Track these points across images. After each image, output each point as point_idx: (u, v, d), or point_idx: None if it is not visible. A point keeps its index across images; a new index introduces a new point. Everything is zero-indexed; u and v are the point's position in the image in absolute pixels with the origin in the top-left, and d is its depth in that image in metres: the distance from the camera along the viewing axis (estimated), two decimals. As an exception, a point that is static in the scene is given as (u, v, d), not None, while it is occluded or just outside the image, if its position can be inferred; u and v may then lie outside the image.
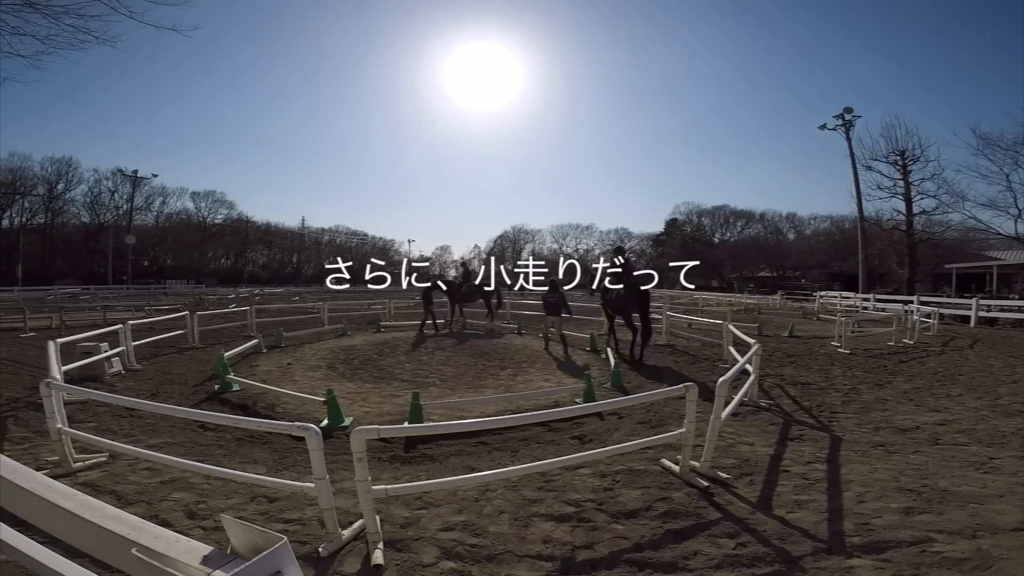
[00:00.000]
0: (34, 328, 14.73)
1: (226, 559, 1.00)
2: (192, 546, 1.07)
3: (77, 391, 4.70)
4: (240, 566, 0.93)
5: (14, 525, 2.01)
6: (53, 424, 4.26)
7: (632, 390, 7.92)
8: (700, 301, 30.76)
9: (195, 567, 0.99)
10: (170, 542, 1.11)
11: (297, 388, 7.41)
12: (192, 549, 1.06)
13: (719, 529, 3.40)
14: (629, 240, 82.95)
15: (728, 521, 3.50)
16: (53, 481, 1.48)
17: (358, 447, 2.96)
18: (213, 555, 1.01)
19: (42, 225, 59.94)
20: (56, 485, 1.47)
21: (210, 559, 1.01)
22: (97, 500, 1.38)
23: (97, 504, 1.36)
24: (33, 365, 9.07)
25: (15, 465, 1.54)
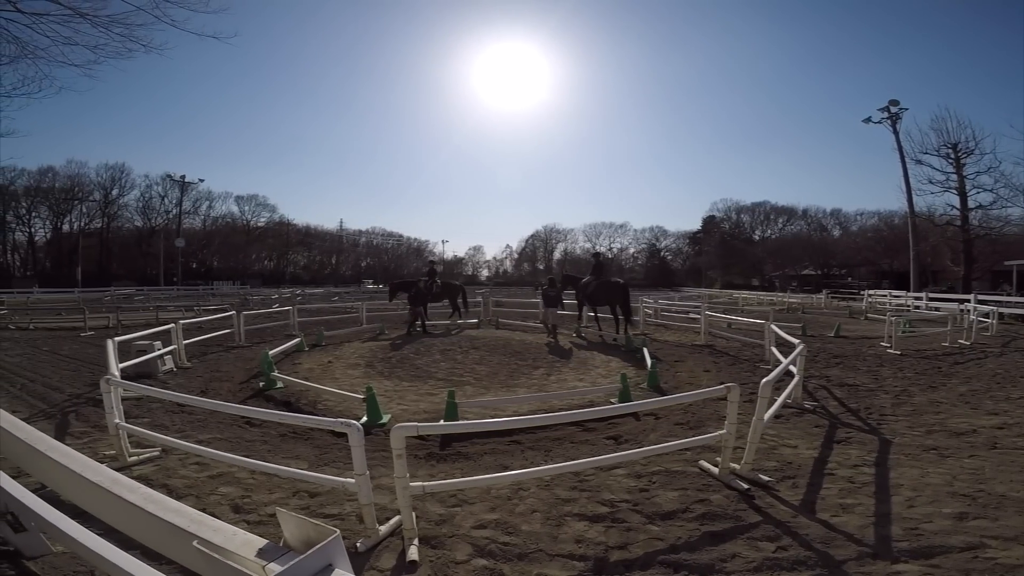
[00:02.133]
0: (93, 327, 15.64)
1: (280, 552, 1.03)
2: (248, 539, 1.11)
3: (134, 387, 4.94)
4: (295, 559, 0.96)
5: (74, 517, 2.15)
6: (111, 419, 4.48)
7: (670, 391, 7.80)
8: (740, 300, 29.88)
9: (251, 560, 1.02)
10: (227, 535, 1.15)
11: (337, 386, 7.60)
12: (248, 542, 1.09)
13: (759, 532, 3.33)
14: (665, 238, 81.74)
15: (769, 524, 3.43)
16: (118, 475, 1.54)
17: (398, 444, 3.02)
18: (268, 548, 1.05)
19: (99, 229, 63.42)
20: (121, 478, 1.52)
21: (265, 552, 1.04)
22: (159, 494, 1.42)
23: (160, 497, 1.39)
24: (93, 363, 9.63)
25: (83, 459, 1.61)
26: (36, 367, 9.50)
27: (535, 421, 4.75)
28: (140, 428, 4.69)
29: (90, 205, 62.91)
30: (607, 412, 5.28)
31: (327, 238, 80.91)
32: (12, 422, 2.07)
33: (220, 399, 6.84)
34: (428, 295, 15.58)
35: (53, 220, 61.97)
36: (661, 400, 5.49)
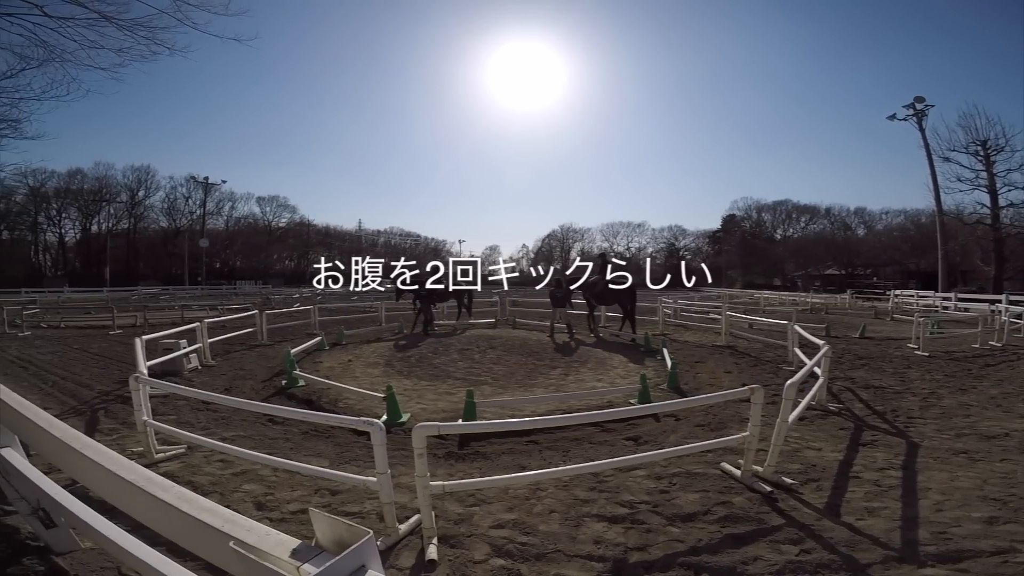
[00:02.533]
0: (121, 326, 16.06)
1: (313, 552, 1.03)
2: (282, 539, 1.10)
3: (161, 385, 5.06)
4: (329, 560, 0.96)
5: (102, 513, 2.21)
6: (140, 417, 4.59)
7: (690, 392, 7.72)
8: (762, 300, 29.39)
9: (285, 560, 1.02)
10: (261, 535, 1.14)
11: (357, 384, 7.68)
12: (282, 543, 1.09)
13: (782, 535, 3.29)
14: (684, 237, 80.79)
15: (792, 527, 3.38)
16: (152, 473, 1.54)
17: (419, 443, 3.04)
18: (301, 548, 1.05)
19: (126, 230, 65.02)
20: (155, 477, 1.52)
21: (299, 552, 1.04)
22: (192, 493, 1.43)
23: (193, 496, 1.40)
24: (121, 360, 9.88)
25: (118, 457, 1.63)
26: (67, 364, 9.79)
27: (554, 421, 4.74)
28: (167, 425, 4.79)
29: (117, 206, 64.59)
30: (626, 413, 5.25)
31: (346, 238, 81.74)
32: (48, 420, 2.12)
33: (244, 397, 6.96)
34: (435, 295, 15.48)
35: (82, 221, 63.74)
36: (682, 401, 5.44)
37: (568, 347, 11.97)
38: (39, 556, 2.65)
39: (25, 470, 2.60)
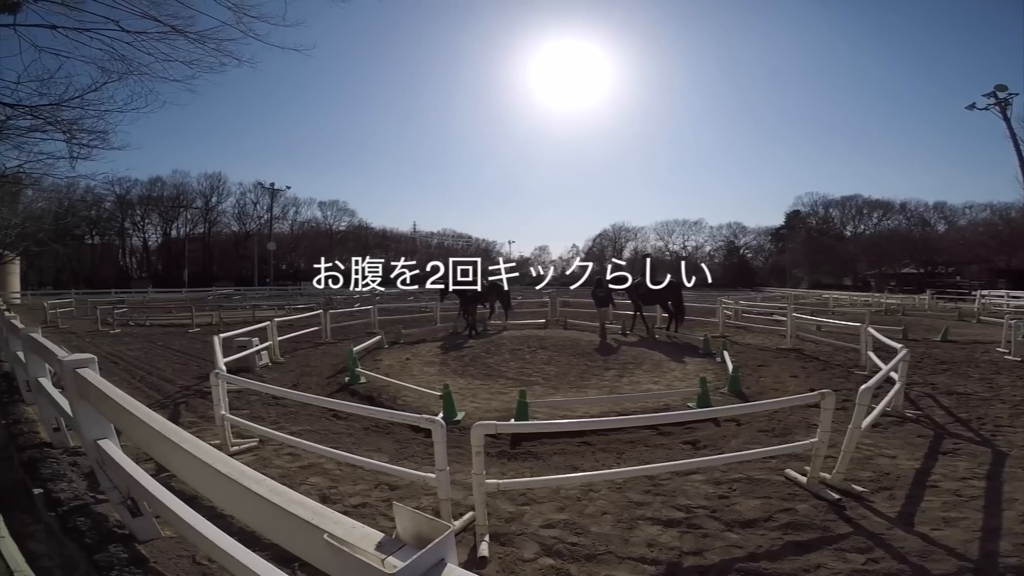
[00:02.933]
0: (199, 324, 17.22)
1: (397, 546, 1.06)
2: (367, 532, 1.15)
3: (237, 381, 5.39)
4: (414, 554, 0.99)
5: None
6: (218, 411, 4.91)
7: (752, 396, 7.45)
8: (831, 301, 27.81)
9: (371, 552, 1.06)
10: (347, 528, 1.18)
11: (415, 382, 7.90)
12: (367, 535, 1.13)
13: (848, 543, 3.17)
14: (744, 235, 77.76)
15: (860, 536, 3.26)
16: (244, 467, 1.62)
17: (477, 441, 3.10)
18: (385, 542, 1.08)
19: (201, 234, 69.73)
20: (247, 471, 1.59)
21: (383, 545, 1.07)
22: (282, 486, 1.47)
23: (283, 489, 1.45)
24: (200, 357, 10.61)
25: (213, 451, 1.73)
26: (152, 360, 10.61)
27: (609, 423, 4.71)
28: (241, 419, 5.09)
29: (193, 212, 69.45)
30: (685, 416, 5.15)
31: (402, 240, 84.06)
32: (148, 414, 2.28)
33: (310, 393, 7.31)
34: (480, 296, 15.46)
35: (163, 226, 68.95)
36: (746, 406, 5.27)
37: (622, 349, 11.80)
38: (124, 544, 2.82)
39: (120, 460, 2.82)
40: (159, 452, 2.21)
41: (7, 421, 5.35)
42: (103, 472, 2.96)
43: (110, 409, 2.69)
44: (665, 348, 11.93)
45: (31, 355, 4.81)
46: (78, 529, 2.93)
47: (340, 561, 1.09)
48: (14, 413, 5.50)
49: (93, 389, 2.79)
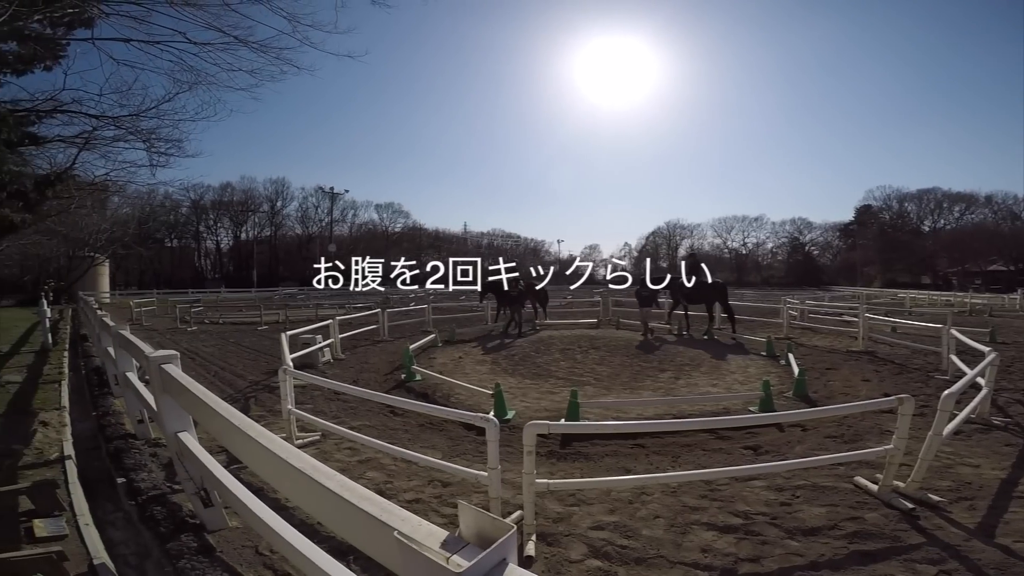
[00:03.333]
0: (267, 322, 18.21)
1: (460, 544, 1.07)
2: (432, 530, 1.15)
3: (304, 377, 5.65)
4: (478, 553, 1.00)
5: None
6: (285, 405, 5.15)
7: (820, 401, 7.08)
8: (908, 301, 25.96)
9: (436, 550, 1.06)
10: (413, 525, 1.19)
11: (467, 380, 8.02)
12: (432, 533, 1.14)
13: (920, 554, 3.00)
14: (809, 231, 73.93)
15: (933, 546, 3.08)
16: (317, 462, 1.66)
17: (529, 440, 3.10)
18: (449, 540, 1.09)
19: (268, 237, 73.63)
20: (320, 466, 1.63)
21: (447, 544, 1.08)
22: (352, 482, 1.51)
23: (353, 485, 1.48)
24: (268, 353, 11.20)
25: (288, 446, 1.80)
26: (225, 356, 11.30)
27: (665, 426, 4.61)
28: (306, 414, 5.32)
29: (260, 216, 73.50)
30: (747, 421, 4.97)
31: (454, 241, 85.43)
32: (226, 408, 2.41)
33: (368, 389, 7.56)
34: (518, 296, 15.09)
35: (233, 229, 73.46)
36: (813, 411, 5.02)
37: (679, 350, 11.48)
38: (194, 533, 2.98)
39: (197, 452, 2.98)
40: (235, 445, 2.32)
41: (97, 413, 5.84)
42: (181, 463, 3.15)
43: (190, 403, 2.85)
44: (725, 350, 11.52)
45: (120, 351, 5.19)
46: (154, 518, 3.12)
47: (407, 558, 1.10)
48: (104, 405, 6.00)
49: (176, 384, 2.97)
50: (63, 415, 5.73)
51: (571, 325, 16.30)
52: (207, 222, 72.36)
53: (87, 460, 4.60)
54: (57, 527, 3.16)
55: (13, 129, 10.83)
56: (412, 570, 1.11)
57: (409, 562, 1.10)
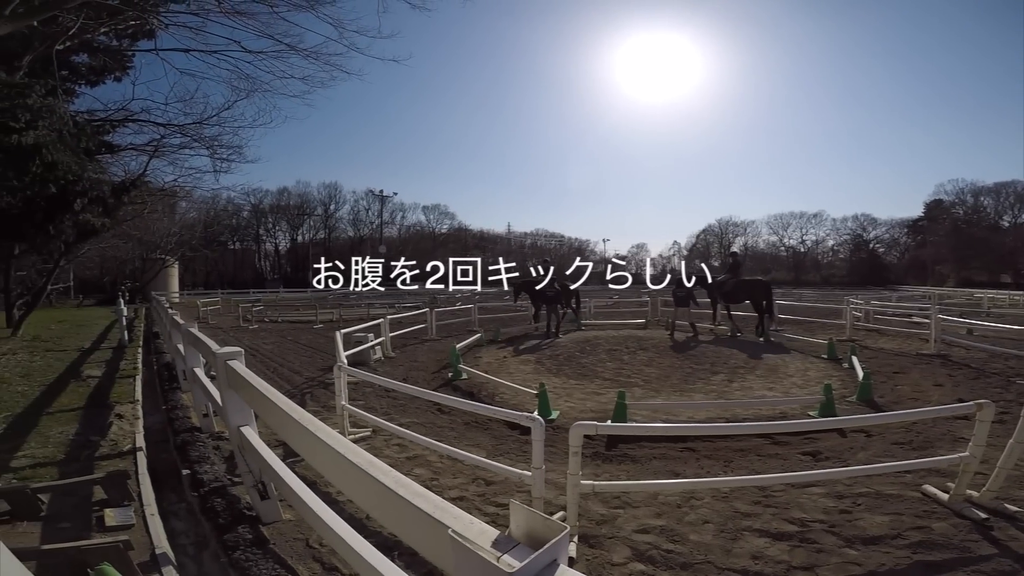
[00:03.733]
0: (322, 321, 18.93)
1: (511, 544, 1.07)
2: (484, 529, 1.15)
3: (356, 373, 5.81)
4: (529, 555, 0.99)
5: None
6: (339, 401, 5.33)
7: (886, 406, 6.68)
8: (985, 301, 24.09)
9: (487, 550, 1.06)
10: (465, 524, 1.19)
11: (512, 380, 8.04)
12: (484, 532, 1.14)
13: (989, 566, 2.82)
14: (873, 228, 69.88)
15: (1005, 558, 2.90)
16: (372, 457, 1.69)
17: (575, 441, 3.08)
18: (500, 539, 1.09)
19: (322, 239, 76.47)
20: (375, 461, 1.65)
21: (498, 543, 1.08)
22: (406, 478, 1.51)
23: (407, 482, 1.48)
24: (323, 351, 11.63)
25: (345, 441, 1.85)
26: (283, 353, 11.81)
27: (718, 429, 4.49)
28: (358, 410, 5.50)
29: (315, 219, 76.51)
30: (806, 426, 4.77)
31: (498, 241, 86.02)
32: (288, 404, 2.49)
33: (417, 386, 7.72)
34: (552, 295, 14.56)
35: (290, 232, 76.72)
36: (879, 416, 4.75)
37: (733, 352, 11.11)
38: (250, 525, 3.10)
39: (257, 445, 3.11)
40: (293, 438, 2.40)
41: (167, 406, 6.22)
42: (242, 456, 3.30)
43: (253, 397, 2.97)
44: (783, 352, 11.05)
45: (189, 348, 5.50)
46: (214, 509, 3.27)
47: (459, 557, 1.10)
48: (173, 399, 6.39)
49: (240, 379, 3.11)
50: (136, 408, 6.15)
51: (617, 325, 16.07)
52: (266, 225, 75.94)
53: (156, 452, 4.91)
54: (125, 516, 3.36)
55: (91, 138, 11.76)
56: (464, 569, 1.11)
57: (461, 560, 1.11)
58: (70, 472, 4.15)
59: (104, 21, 10.51)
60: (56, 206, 10.45)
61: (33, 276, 19.34)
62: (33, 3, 6.69)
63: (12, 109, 9.03)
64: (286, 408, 2.39)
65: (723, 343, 12.30)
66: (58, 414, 5.97)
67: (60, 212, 10.63)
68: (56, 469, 4.28)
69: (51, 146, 9.44)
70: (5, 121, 8.94)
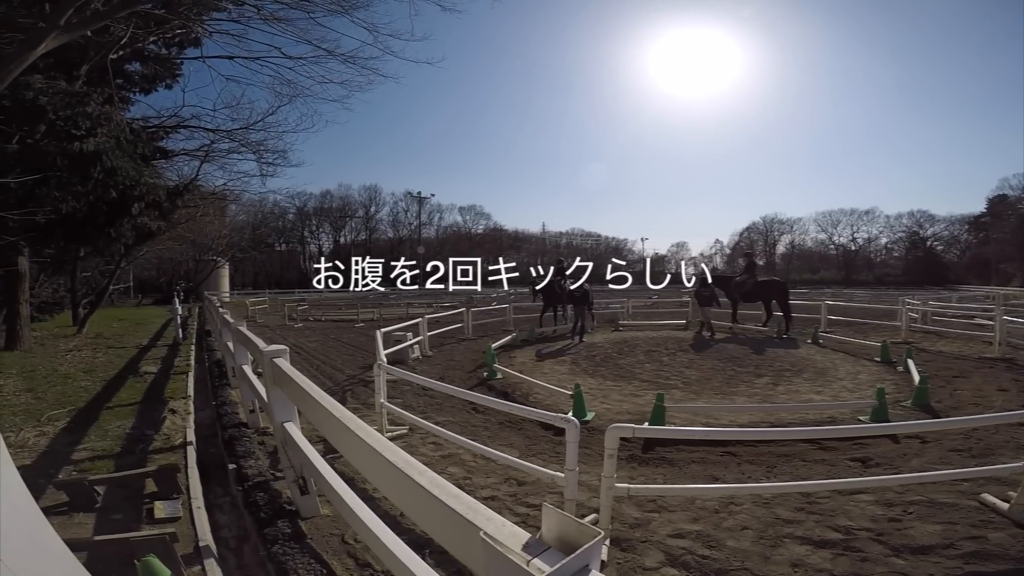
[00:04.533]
0: (363, 320, 19.39)
1: (542, 547, 1.05)
2: (515, 531, 1.15)
3: (396, 372, 5.89)
4: (560, 559, 0.98)
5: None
6: (378, 399, 5.43)
7: (945, 411, 6.32)
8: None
9: (518, 552, 1.05)
10: (497, 526, 1.19)
11: (546, 380, 8.01)
12: (515, 535, 1.13)
13: None
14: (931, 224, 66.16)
15: None
16: (409, 456, 1.70)
17: (612, 443, 3.05)
18: (531, 543, 1.08)
19: (363, 240, 78.38)
20: (412, 460, 1.66)
21: (528, 546, 1.07)
22: (441, 478, 1.52)
23: (442, 482, 1.49)
24: (363, 349, 11.91)
25: (383, 439, 1.88)
26: (326, 351, 12.16)
27: (760, 434, 4.35)
28: (396, 408, 5.58)
29: (356, 221, 78.57)
30: (856, 431, 4.58)
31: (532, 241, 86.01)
32: (330, 402, 2.55)
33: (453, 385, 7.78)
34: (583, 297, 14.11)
35: (333, 234, 79.02)
36: (936, 422, 4.54)
37: (779, 354, 10.74)
38: (289, 519, 3.16)
39: (300, 441, 3.19)
40: (334, 435, 2.46)
41: (216, 402, 6.49)
42: (285, 452, 3.39)
43: (297, 394, 3.05)
44: (831, 355, 10.61)
45: (238, 345, 5.71)
46: (256, 503, 3.37)
47: (490, 559, 1.10)
48: (222, 395, 6.66)
49: (285, 376, 3.20)
50: (188, 404, 6.45)
51: (656, 326, 15.78)
52: (310, 227, 78.46)
53: (205, 446, 5.12)
54: (173, 509, 3.51)
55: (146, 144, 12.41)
56: (494, 571, 1.10)
57: (492, 563, 1.10)
58: (125, 465, 4.38)
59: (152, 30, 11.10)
60: (116, 210, 11.07)
61: (96, 277, 20.60)
62: (85, 13, 7.10)
63: (74, 117, 9.61)
64: (328, 406, 2.44)
65: (767, 344, 11.90)
66: (117, 408, 6.33)
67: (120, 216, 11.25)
68: (112, 461, 4.53)
69: (110, 152, 10.01)
70: (68, 129, 9.55)
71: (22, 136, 9.26)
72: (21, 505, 1.69)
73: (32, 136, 9.32)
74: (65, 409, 6.15)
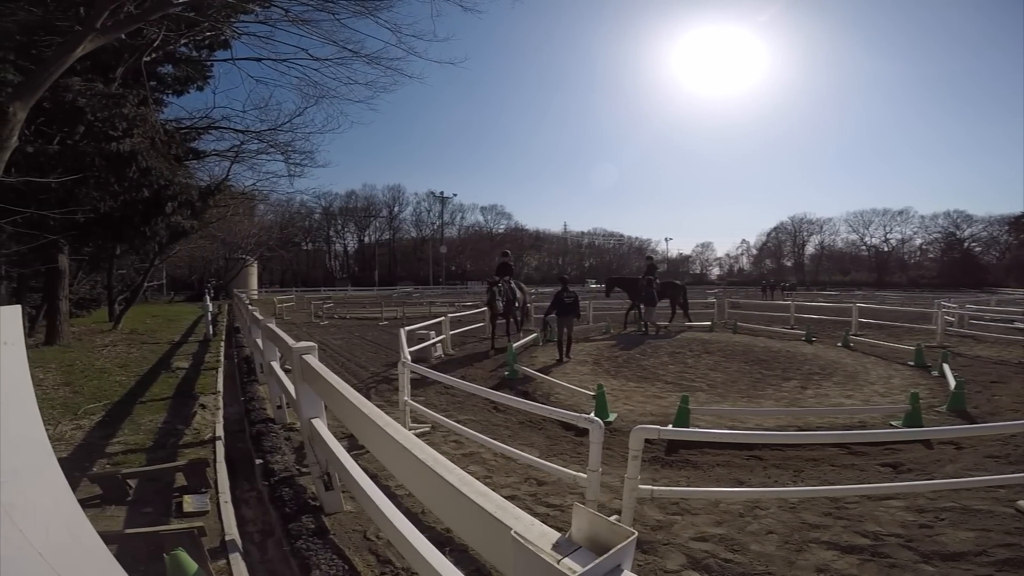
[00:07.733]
0: (387, 318, 19.62)
1: (572, 547, 1.04)
2: (544, 531, 1.14)
3: (419, 370, 5.94)
4: (592, 559, 0.97)
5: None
6: (402, 396, 5.48)
7: (981, 417, 6.10)
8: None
9: (547, 552, 1.04)
10: (526, 525, 1.18)
11: (568, 380, 7.98)
12: (544, 534, 1.12)
13: None
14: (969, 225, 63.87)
15: None
16: (437, 454, 1.69)
17: (636, 444, 3.04)
18: (561, 542, 1.07)
19: (387, 240, 79.38)
20: (440, 458, 1.65)
21: (559, 546, 1.06)
22: (470, 476, 1.51)
23: (471, 480, 1.48)
24: (387, 347, 12.04)
25: (412, 437, 1.88)
26: (351, 349, 12.33)
27: (788, 438, 4.28)
28: (419, 405, 5.64)
29: (380, 220, 79.65)
30: (886, 436, 4.43)
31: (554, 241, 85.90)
32: (358, 398, 2.57)
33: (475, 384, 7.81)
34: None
35: (357, 233, 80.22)
36: (972, 428, 4.39)
37: (808, 357, 10.50)
38: (313, 515, 3.20)
39: (326, 437, 3.23)
40: (361, 431, 2.47)
41: (245, 398, 6.64)
42: (311, 448, 3.44)
43: (324, 390, 3.09)
44: (863, 359, 10.34)
45: (267, 342, 5.82)
46: (281, 498, 3.42)
47: (520, 558, 1.09)
48: (250, 391, 6.81)
49: (313, 372, 3.25)
50: (217, 399, 6.61)
51: (681, 327, 15.57)
52: (335, 227, 79.87)
53: (233, 441, 5.24)
54: (201, 503, 3.59)
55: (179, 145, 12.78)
56: (524, 570, 1.10)
57: (521, 562, 1.10)
58: (156, 459, 4.51)
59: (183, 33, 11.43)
60: (151, 209, 11.42)
61: (131, 274, 21.30)
62: (119, 16, 7.34)
63: (111, 118, 9.94)
64: (356, 402, 2.47)
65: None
66: (149, 403, 6.53)
67: (154, 215, 11.60)
68: (144, 455, 4.66)
69: (145, 153, 10.33)
70: (105, 130, 9.88)
71: (62, 137, 9.61)
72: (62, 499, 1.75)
73: (71, 137, 9.67)
74: (101, 403, 6.36)
